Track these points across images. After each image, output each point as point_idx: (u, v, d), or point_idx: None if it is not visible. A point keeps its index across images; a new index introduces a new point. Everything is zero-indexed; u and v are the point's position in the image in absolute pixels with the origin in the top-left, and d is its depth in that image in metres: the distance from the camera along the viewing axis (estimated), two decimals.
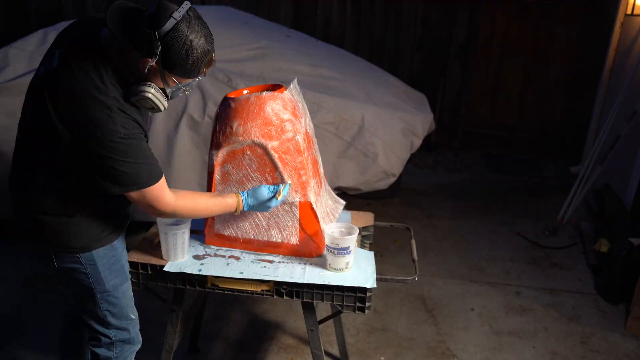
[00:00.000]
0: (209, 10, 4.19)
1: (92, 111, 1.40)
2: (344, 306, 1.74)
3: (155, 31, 1.37)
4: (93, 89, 1.42)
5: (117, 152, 1.43)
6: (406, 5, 5.22)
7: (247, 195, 1.74)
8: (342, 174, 3.75)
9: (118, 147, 1.42)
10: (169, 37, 1.39)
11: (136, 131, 1.48)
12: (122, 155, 1.43)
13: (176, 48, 1.40)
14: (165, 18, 1.38)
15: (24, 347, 2.51)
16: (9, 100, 3.44)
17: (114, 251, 1.69)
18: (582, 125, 4.94)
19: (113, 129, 1.41)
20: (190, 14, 1.42)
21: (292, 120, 1.77)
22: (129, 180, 1.47)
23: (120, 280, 1.73)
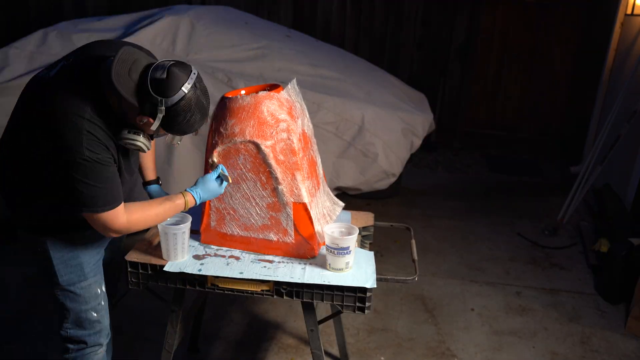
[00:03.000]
0: (209, 10, 4.19)
1: (62, 127, 1.42)
2: (344, 306, 1.73)
3: (163, 99, 1.43)
4: (71, 106, 1.44)
5: (78, 171, 1.44)
6: (406, 5, 5.22)
7: (197, 191, 1.72)
8: (342, 174, 3.75)
9: (79, 167, 1.44)
10: (175, 107, 1.45)
11: (103, 155, 1.48)
12: (82, 175, 1.44)
13: (179, 117, 1.47)
14: (175, 89, 1.43)
15: (24, 347, 2.51)
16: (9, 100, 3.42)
17: (72, 246, 1.69)
18: (582, 125, 4.95)
19: (77, 149, 1.42)
20: (197, 84, 1.47)
21: (287, 121, 1.77)
22: (83, 201, 1.48)
23: (76, 277, 1.72)
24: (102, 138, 1.47)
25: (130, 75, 1.43)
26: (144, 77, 1.44)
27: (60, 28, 3.83)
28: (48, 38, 3.72)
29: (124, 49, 1.46)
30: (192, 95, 1.45)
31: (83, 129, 1.43)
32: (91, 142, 1.44)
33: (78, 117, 1.43)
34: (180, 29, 3.75)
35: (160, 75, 1.42)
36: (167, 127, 1.50)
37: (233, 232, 1.87)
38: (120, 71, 1.42)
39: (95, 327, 1.80)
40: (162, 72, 1.42)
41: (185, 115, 1.47)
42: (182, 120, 1.48)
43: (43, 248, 1.67)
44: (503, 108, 5.38)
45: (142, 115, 1.47)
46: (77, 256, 1.71)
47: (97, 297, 1.79)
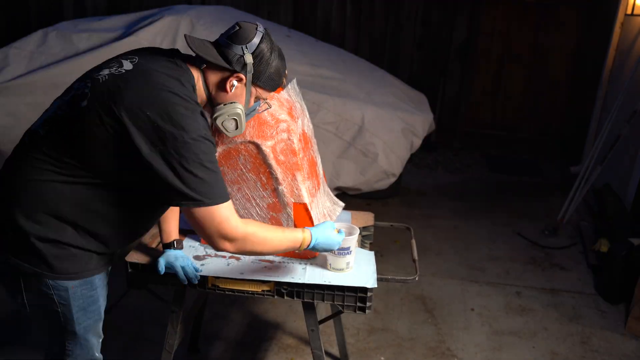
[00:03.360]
0: (209, 10, 4.19)
1: (176, 106, 1.32)
2: (344, 306, 1.73)
3: (245, 45, 1.43)
4: (176, 86, 1.36)
5: (199, 151, 1.31)
6: (406, 5, 5.22)
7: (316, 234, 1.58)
8: (342, 174, 3.75)
9: (200, 147, 1.31)
10: (259, 49, 1.45)
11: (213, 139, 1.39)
12: (203, 156, 1.32)
13: (265, 58, 1.47)
14: (252, 32, 1.45)
15: (24, 347, 2.51)
16: (9, 100, 3.45)
17: (93, 291, 1.52)
18: (582, 125, 4.95)
19: (197, 127, 1.33)
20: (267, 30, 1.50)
21: (287, 121, 1.77)
22: (204, 189, 1.33)
23: (93, 321, 1.57)
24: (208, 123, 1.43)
25: (206, 44, 1.45)
26: (220, 39, 1.47)
27: (60, 28, 3.83)
28: (48, 38, 3.73)
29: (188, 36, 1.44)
30: (267, 36, 1.48)
31: (197, 109, 1.37)
32: (205, 124, 1.38)
33: (189, 97, 1.37)
34: (180, 29, 3.75)
35: (232, 30, 1.46)
36: (258, 78, 1.48)
37: None
38: (197, 44, 1.43)
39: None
40: (233, 27, 1.46)
41: (270, 56, 1.47)
42: (271, 63, 1.48)
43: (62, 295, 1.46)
44: (503, 108, 5.38)
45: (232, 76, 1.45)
46: (97, 300, 1.54)
47: (100, 336, 1.65)
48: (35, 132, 1.43)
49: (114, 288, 2.08)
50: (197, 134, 1.32)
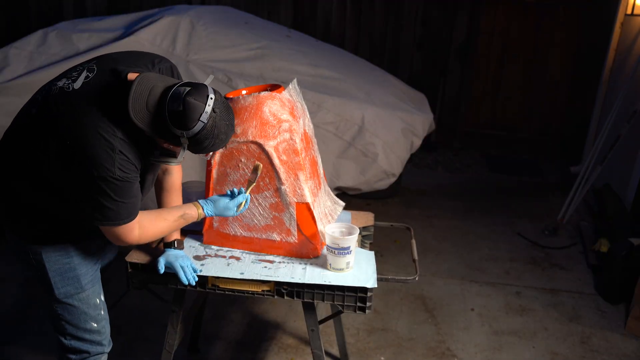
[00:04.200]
0: (209, 10, 4.19)
1: (93, 147, 1.41)
2: (344, 306, 1.73)
3: (183, 131, 1.43)
4: (100, 124, 1.43)
5: (107, 190, 1.44)
6: (406, 5, 5.22)
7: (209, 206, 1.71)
8: (342, 174, 3.75)
9: (109, 186, 1.44)
10: (197, 137, 1.45)
11: (132, 174, 1.48)
12: (111, 193, 1.45)
13: (204, 143, 1.48)
14: (193, 120, 1.42)
15: (24, 347, 2.51)
16: (9, 100, 3.44)
17: (68, 258, 1.66)
18: (582, 125, 4.95)
19: (110, 168, 1.42)
20: (216, 110, 1.45)
21: (289, 121, 1.77)
22: (107, 216, 1.49)
23: (73, 289, 1.69)
24: (132, 158, 1.48)
25: (148, 109, 1.43)
26: (162, 109, 1.42)
27: (60, 28, 3.83)
28: (48, 38, 3.72)
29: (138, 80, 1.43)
30: (212, 123, 1.44)
31: (116, 148, 1.43)
32: (123, 162, 1.45)
33: (111, 136, 1.43)
34: (180, 29, 3.75)
35: (177, 107, 1.41)
36: (195, 151, 1.51)
37: (236, 232, 1.87)
38: (137, 107, 1.41)
39: (96, 337, 1.78)
40: (178, 104, 1.41)
41: (209, 141, 1.47)
42: (208, 145, 1.49)
43: (37, 259, 1.64)
44: (503, 108, 5.38)
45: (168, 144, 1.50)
46: (74, 268, 1.68)
47: (96, 307, 1.76)
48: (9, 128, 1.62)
49: (114, 288, 2.08)
50: (107, 175, 1.42)
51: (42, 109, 1.51)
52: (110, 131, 1.43)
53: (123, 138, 1.45)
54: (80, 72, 1.53)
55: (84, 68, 1.55)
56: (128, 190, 1.48)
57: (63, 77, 1.55)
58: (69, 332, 1.74)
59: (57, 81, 1.55)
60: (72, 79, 1.52)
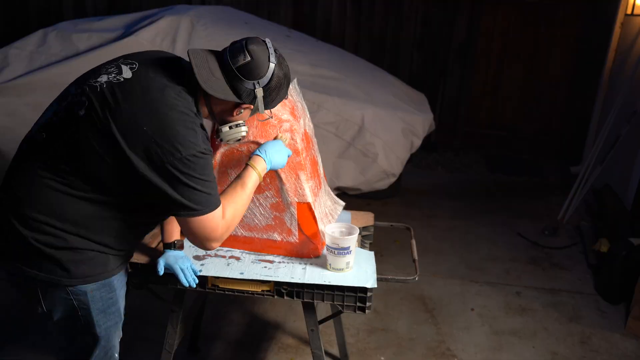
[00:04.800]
0: (209, 10, 4.19)
1: (174, 122, 1.32)
2: (344, 306, 1.73)
3: (258, 80, 1.39)
4: (176, 100, 1.35)
5: (196, 167, 1.33)
6: (406, 5, 5.22)
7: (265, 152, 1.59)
8: (342, 174, 3.76)
9: (197, 163, 1.33)
10: (271, 83, 1.42)
11: (210, 149, 1.40)
12: (200, 172, 1.34)
13: (277, 89, 1.45)
14: (264, 66, 1.39)
15: (24, 347, 2.51)
16: (9, 100, 3.45)
17: (112, 292, 1.52)
18: (582, 125, 4.95)
19: (196, 142, 1.33)
20: (278, 52, 1.43)
21: (290, 121, 1.77)
22: (199, 201, 1.36)
23: (113, 323, 1.57)
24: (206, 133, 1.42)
25: (214, 74, 1.37)
26: (228, 69, 1.38)
27: (60, 28, 3.83)
28: (48, 38, 3.73)
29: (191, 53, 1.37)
30: (279, 66, 1.42)
31: (197, 122, 1.37)
32: (204, 136, 1.38)
33: (190, 111, 1.35)
34: (180, 29, 3.75)
35: (243, 59, 1.37)
36: (267, 105, 1.47)
37: (237, 232, 1.87)
38: (204, 76, 1.35)
39: None
40: (243, 55, 1.37)
41: (280, 87, 1.45)
42: (280, 92, 1.46)
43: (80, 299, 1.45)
44: (503, 108, 5.38)
45: (240, 106, 1.44)
46: (117, 302, 1.54)
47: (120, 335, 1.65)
48: (33, 139, 1.42)
49: None
50: (194, 150, 1.33)
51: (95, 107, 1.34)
52: (187, 105, 1.36)
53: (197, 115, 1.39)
54: (119, 67, 1.40)
55: (119, 64, 1.41)
56: (212, 167, 1.40)
57: (100, 73, 1.40)
58: None
59: (94, 78, 1.39)
60: (114, 73, 1.38)
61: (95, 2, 5.62)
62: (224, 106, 1.45)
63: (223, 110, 1.47)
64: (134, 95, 1.34)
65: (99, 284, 1.47)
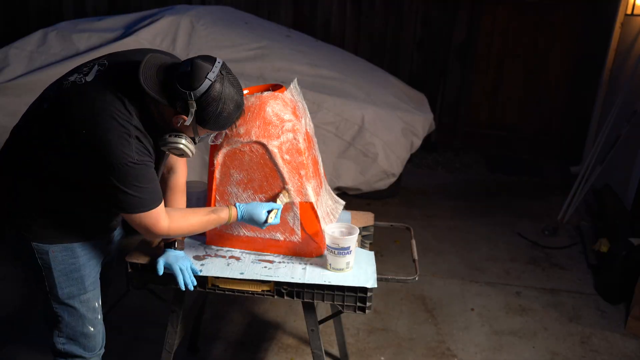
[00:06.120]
0: (209, 10, 4.19)
1: (109, 132, 1.40)
2: (344, 306, 1.74)
3: (190, 92, 1.41)
4: (116, 110, 1.42)
5: (126, 176, 1.43)
6: (406, 5, 5.22)
7: (243, 211, 1.71)
8: (342, 174, 3.76)
9: (128, 172, 1.42)
10: (204, 98, 1.42)
11: (147, 158, 1.48)
12: (131, 179, 1.44)
13: (211, 108, 1.44)
14: (200, 79, 1.40)
15: (24, 347, 2.51)
16: (9, 100, 3.45)
17: (74, 258, 1.65)
18: (582, 125, 4.95)
19: (127, 152, 1.41)
20: (223, 72, 1.45)
21: (292, 120, 1.77)
22: (131, 204, 1.48)
23: (76, 290, 1.68)
24: (147, 145, 1.48)
25: (158, 76, 1.44)
26: (171, 74, 1.44)
27: (60, 28, 3.83)
28: (48, 38, 3.73)
29: (150, 54, 1.47)
30: (219, 83, 1.43)
31: (132, 134, 1.43)
32: (139, 147, 1.45)
33: (126, 122, 1.43)
34: (180, 29, 3.75)
35: (185, 68, 1.42)
36: (202, 122, 1.47)
37: (239, 232, 1.87)
38: (147, 73, 1.42)
39: (91, 341, 1.77)
40: (187, 65, 1.42)
41: (217, 105, 1.44)
42: (215, 111, 1.45)
43: (43, 258, 1.62)
44: (503, 108, 5.38)
45: (177, 115, 1.47)
46: (79, 269, 1.67)
47: (94, 310, 1.75)
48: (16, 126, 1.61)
49: (114, 288, 2.08)
50: (126, 160, 1.42)
51: (55, 103, 1.49)
52: (126, 117, 1.43)
53: (137, 126, 1.45)
54: (91, 67, 1.52)
55: (95, 63, 1.54)
56: (147, 174, 1.48)
57: (74, 72, 1.54)
58: (66, 335, 1.74)
59: (68, 77, 1.53)
60: (83, 73, 1.51)
61: (95, 2, 5.62)
62: (165, 112, 1.49)
63: (165, 117, 1.50)
64: (84, 101, 1.45)
65: (60, 246, 1.62)
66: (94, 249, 1.70)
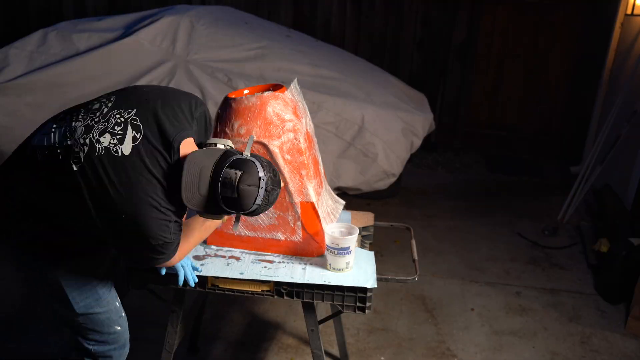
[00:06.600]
0: (209, 10, 4.19)
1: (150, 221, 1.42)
2: (344, 306, 1.74)
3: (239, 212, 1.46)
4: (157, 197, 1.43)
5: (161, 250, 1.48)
6: (406, 5, 5.22)
7: None
8: (342, 174, 3.75)
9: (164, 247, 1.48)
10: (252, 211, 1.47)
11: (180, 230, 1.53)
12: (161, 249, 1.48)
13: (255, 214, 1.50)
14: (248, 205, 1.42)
15: (24, 347, 2.51)
16: (9, 100, 3.45)
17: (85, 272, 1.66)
18: (582, 125, 4.94)
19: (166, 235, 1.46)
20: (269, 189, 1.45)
21: (293, 120, 1.77)
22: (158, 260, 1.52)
23: (93, 300, 1.68)
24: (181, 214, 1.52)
25: (201, 193, 1.41)
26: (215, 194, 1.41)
27: (60, 28, 3.83)
28: (48, 38, 3.72)
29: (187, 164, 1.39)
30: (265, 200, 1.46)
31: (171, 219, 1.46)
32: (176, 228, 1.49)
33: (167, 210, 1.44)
34: (180, 29, 3.75)
35: (232, 194, 1.39)
36: None
37: (240, 232, 1.87)
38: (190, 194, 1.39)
39: (120, 340, 1.78)
40: (232, 191, 1.39)
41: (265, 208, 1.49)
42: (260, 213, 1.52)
43: (52, 276, 1.60)
44: (503, 108, 5.38)
45: None
46: (91, 281, 1.67)
47: (117, 310, 1.76)
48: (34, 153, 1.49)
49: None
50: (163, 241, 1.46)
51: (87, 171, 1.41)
52: (165, 204, 1.44)
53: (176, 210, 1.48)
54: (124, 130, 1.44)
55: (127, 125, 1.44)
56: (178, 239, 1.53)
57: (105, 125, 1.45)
58: (94, 338, 1.74)
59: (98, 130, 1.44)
60: (117, 138, 1.42)
61: (95, 2, 5.62)
62: None
63: None
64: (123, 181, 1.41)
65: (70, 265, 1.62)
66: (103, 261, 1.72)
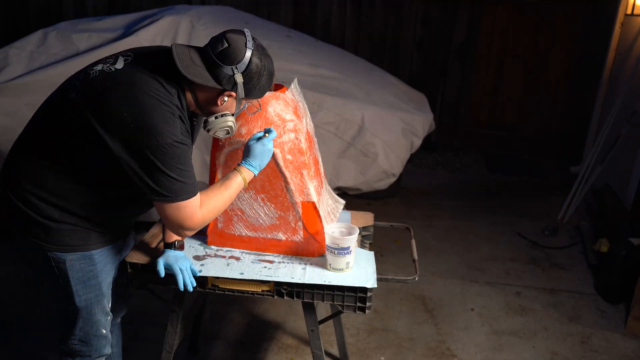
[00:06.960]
0: (209, 10, 4.18)
1: (153, 110, 1.39)
2: (344, 306, 1.74)
3: (235, 66, 1.44)
4: (156, 90, 1.42)
5: (171, 157, 1.41)
6: (406, 5, 5.22)
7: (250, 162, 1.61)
8: (342, 174, 3.75)
9: (174, 152, 1.41)
10: (249, 68, 1.46)
11: (188, 141, 1.48)
12: (175, 161, 1.42)
13: (256, 75, 1.48)
14: (241, 51, 1.44)
15: (24, 346, 2.51)
16: (9, 100, 3.44)
17: (92, 265, 1.63)
18: (582, 125, 4.95)
19: (172, 131, 1.40)
20: (255, 40, 1.48)
21: (294, 120, 1.77)
22: (174, 190, 1.44)
23: (94, 296, 1.68)
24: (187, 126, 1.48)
25: (195, 62, 1.44)
26: (208, 56, 1.44)
27: (60, 28, 3.82)
28: (48, 38, 3.72)
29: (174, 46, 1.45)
30: (257, 50, 1.47)
31: (175, 113, 1.43)
32: (182, 127, 1.45)
33: (168, 101, 1.42)
34: (180, 29, 3.75)
35: (221, 46, 1.43)
36: (249, 93, 1.51)
37: (241, 233, 1.87)
38: (185, 62, 1.42)
39: (102, 342, 1.78)
40: (222, 43, 1.43)
41: (260, 75, 1.49)
42: (260, 78, 1.49)
43: (60, 267, 1.59)
44: (503, 108, 5.38)
45: (223, 94, 1.49)
46: (96, 276, 1.65)
47: (107, 313, 1.76)
48: (32, 118, 1.58)
49: None
50: (171, 139, 1.40)
51: (84, 91, 1.45)
52: (167, 97, 1.43)
53: (178, 105, 1.46)
54: (116, 59, 1.50)
55: (118, 55, 1.51)
56: (189, 157, 1.47)
57: (99, 63, 1.51)
58: (77, 337, 1.73)
59: (93, 67, 1.50)
60: (109, 63, 1.48)
61: (95, 2, 5.61)
62: (207, 95, 1.51)
63: (207, 99, 1.52)
64: (120, 84, 1.43)
65: (78, 254, 1.59)
66: (110, 254, 1.70)
